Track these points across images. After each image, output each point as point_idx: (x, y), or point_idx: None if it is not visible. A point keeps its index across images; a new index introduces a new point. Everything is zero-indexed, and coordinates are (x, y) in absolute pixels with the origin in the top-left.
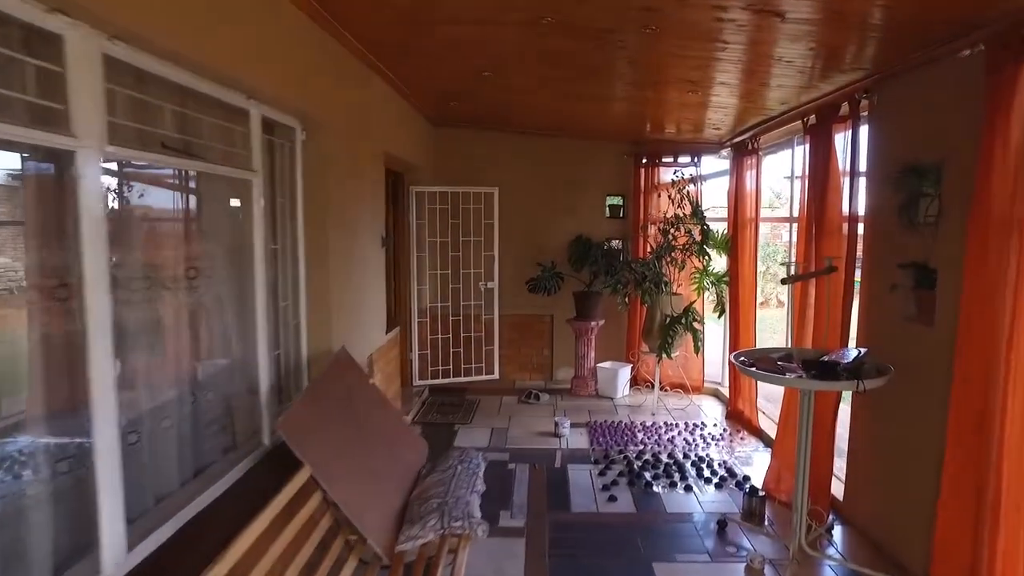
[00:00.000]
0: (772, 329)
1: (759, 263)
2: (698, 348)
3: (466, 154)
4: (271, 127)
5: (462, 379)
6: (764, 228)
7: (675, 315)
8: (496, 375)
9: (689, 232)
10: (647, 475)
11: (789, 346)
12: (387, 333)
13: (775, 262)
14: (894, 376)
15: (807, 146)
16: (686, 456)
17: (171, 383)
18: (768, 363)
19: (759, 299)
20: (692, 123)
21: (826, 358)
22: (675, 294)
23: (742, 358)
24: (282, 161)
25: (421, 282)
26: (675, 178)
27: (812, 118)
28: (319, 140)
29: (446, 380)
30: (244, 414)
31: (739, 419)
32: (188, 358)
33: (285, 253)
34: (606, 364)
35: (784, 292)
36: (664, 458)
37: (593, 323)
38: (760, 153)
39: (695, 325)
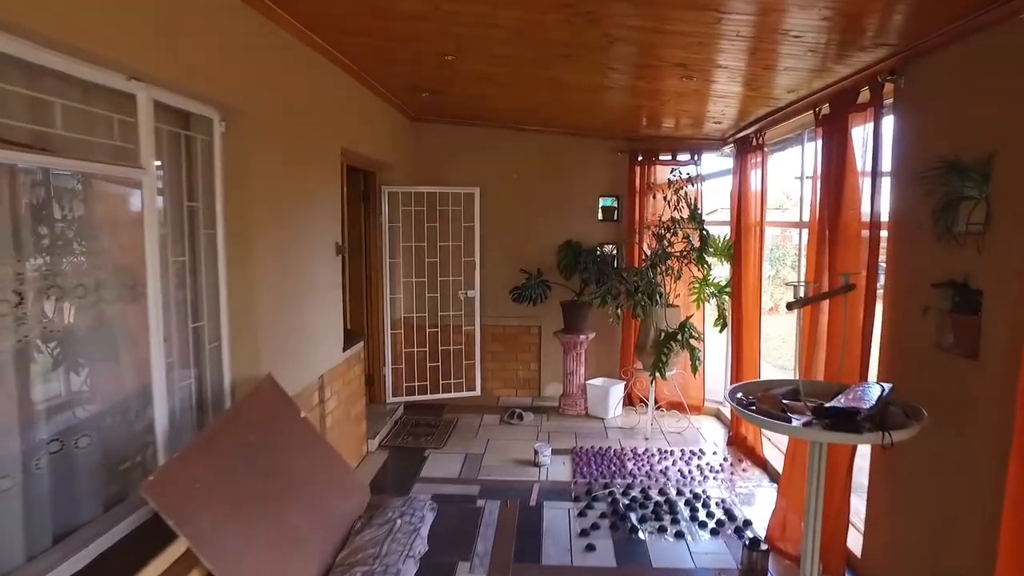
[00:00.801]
0: (781, 338)
1: (767, 267)
2: (696, 368)
3: (445, 151)
4: (186, 118)
5: (440, 396)
6: (772, 232)
7: (670, 331)
8: (477, 391)
9: (687, 238)
10: (633, 516)
11: (796, 378)
12: (346, 350)
13: (785, 265)
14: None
15: (819, 141)
16: (679, 492)
17: (13, 432)
18: (771, 403)
19: (767, 305)
20: (691, 116)
21: (842, 399)
22: (671, 306)
23: (739, 394)
24: (194, 158)
25: (394, 291)
26: (672, 178)
27: (825, 108)
28: (244, 134)
29: (422, 397)
30: (135, 459)
31: (742, 446)
32: (45, 398)
33: (199, 265)
34: (597, 381)
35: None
36: (655, 495)
37: (583, 336)
38: (766, 149)
39: (692, 342)
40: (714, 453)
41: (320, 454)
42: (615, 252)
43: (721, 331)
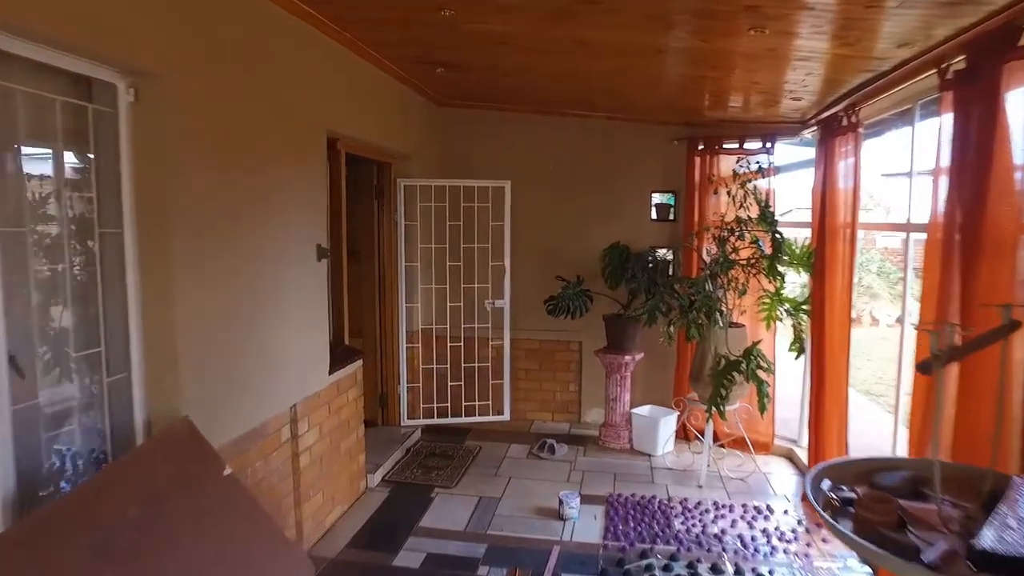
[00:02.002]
0: (865, 354)
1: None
2: (764, 407)
3: (473, 140)
4: (87, 84)
5: (463, 420)
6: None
7: (732, 358)
8: (506, 415)
9: (755, 242)
10: None
11: (906, 455)
12: (336, 371)
13: (868, 271)
14: None
15: (948, 113)
16: (738, 572)
17: None
18: (881, 509)
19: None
20: (763, 91)
21: (1009, 519)
22: (735, 325)
23: (827, 484)
24: (88, 136)
25: (411, 299)
26: (738, 169)
27: (959, 62)
28: (166, 106)
29: (443, 420)
30: None
31: None
32: None
33: (96, 276)
34: (644, 410)
35: (879, 308)
36: (705, 573)
37: (628, 357)
38: (860, 132)
39: (760, 374)
40: (785, 512)
41: (245, 525)
42: (670, 257)
43: (797, 357)
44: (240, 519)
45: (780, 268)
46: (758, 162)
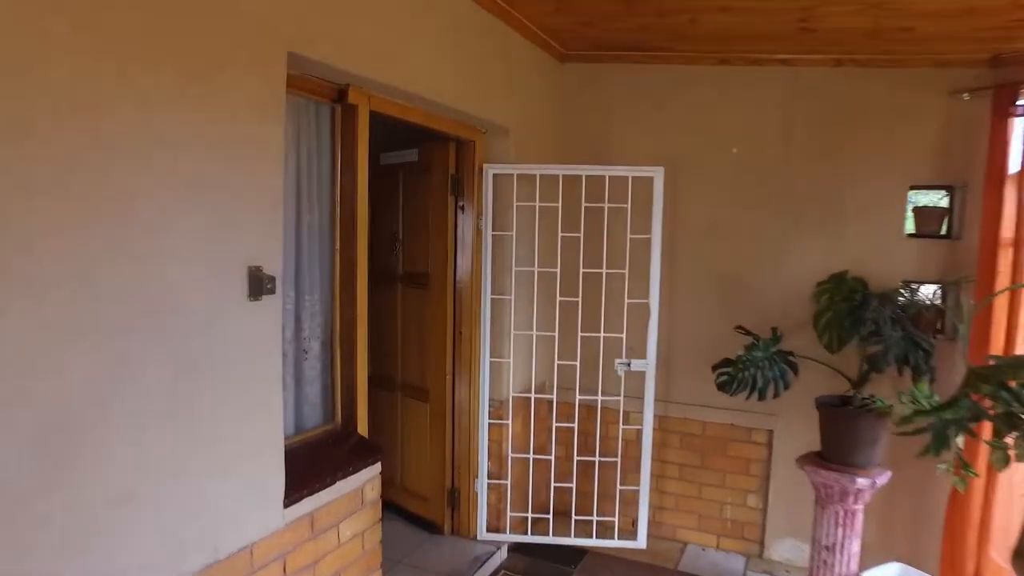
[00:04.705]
0: None
1: None
2: None
3: (608, 107)
4: None
5: (572, 541)
6: None
7: None
8: (640, 541)
9: None
10: None
11: None
12: (304, 499)
13: None
14: None
15: None
16: None
17: None
18: None
19: None
20: None
21: None
22: None
23: None
24: None
25: (499, 351)
26: None
27: None
28: None
29: (541, 538)
30: None
31: None
32: None
33: None
34: (887, 574)
35: None
36: None
37: (862, 480)
38: None
39: None
40: None
41: None
42: (941, 301)
43: None
44: None
45: None
46: None
